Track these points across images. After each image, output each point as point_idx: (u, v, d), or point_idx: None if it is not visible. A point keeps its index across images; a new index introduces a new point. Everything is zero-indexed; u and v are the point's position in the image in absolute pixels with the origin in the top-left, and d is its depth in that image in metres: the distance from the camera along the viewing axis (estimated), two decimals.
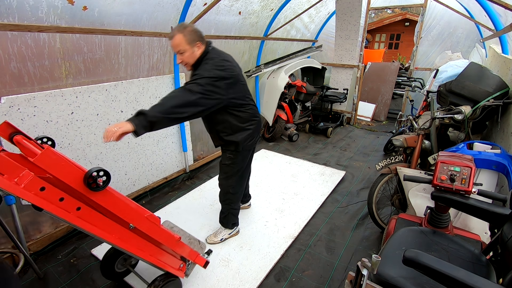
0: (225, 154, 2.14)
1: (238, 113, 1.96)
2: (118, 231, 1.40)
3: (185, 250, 1.79)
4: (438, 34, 5.45)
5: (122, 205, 1.37)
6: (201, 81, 1.67)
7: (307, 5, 4.65)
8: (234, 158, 2.10)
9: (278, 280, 2.07)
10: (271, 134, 4.78)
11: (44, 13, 1.95)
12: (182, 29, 1.74)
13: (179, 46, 1.74)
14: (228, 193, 2.24)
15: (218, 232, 2.40)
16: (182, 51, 1.76)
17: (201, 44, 1.82)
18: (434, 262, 0.97)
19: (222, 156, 2.18)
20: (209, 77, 1.70)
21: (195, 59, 1.82)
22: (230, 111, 1.93)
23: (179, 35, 1.73)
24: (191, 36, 1.75)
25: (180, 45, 1.74)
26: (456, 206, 1.52)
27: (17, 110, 1.95)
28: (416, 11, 11.02)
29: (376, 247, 2.40)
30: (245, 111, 1.99)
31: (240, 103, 1.95)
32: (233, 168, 2.14)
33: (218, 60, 1.81)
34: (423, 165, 2.55)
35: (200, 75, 1.70)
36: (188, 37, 1.74)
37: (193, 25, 1.81)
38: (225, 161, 2.15)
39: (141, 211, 1.49)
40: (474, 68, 2.52)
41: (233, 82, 1.83)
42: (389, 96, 6.10)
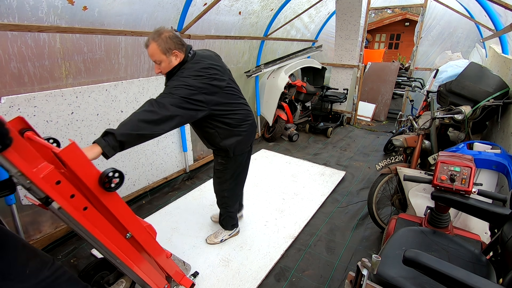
0: (216, 159, 2.07)
1: (226, 120, 1.82)
2: (115, 238, 1.35)
3: (173, 268, 1.72)
4: (438, 34, 5.45)
5: (125, 211, 1.35)
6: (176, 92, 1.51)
7: (307, 5, 4.65)
8: (225, 164, 2.02)
9: (278, 280, 2.07)
10: (271, 134, 4.78)
11: (44, 13, 1.95)
12: (156, 36, 1.58)
13: (154, 55, 1.59)
14: (224, 197, 2.20)
15: (218, 232, 2.40)
16: (159, 61, 1.62)
17: (179, 52, 1.65)
18: (434, 262, 0.97)
19: (214, 161, 2.11)
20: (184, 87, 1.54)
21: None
22: (217, 119, 1.80)
23: (153, 43, 1.57)
24: (166, 45, 1.59)
25: (155, 55, 1.59)
26: (456, 206, 1.52)
27: (17, 110, 1.95)
28: (416, 11, 11.01)
29: (376, 247, 2.40)
30: (234, 116, 1.85)
31: (226, 109, 1.79)
32: (225, 173, 2.07)
33: (197, 69, 1.65)
34: (423, 165, 2.55)
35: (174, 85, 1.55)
36: (162, 46, 1.58)
37: (170, 31, 1.64)
38: (217, 166, 2.09)
39: (140, 221, 1.45)
40: (474, 68, 2.52)
41: (213, 92, 1.68)
42: (389, 96, 6.10)
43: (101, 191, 1.20)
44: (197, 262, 2.17)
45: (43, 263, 1.25)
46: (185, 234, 2.47)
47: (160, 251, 1.60)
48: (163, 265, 1.62)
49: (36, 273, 1.21)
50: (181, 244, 2.36)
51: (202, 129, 1.89)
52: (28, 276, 1.18)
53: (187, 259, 2.16)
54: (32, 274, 1.19)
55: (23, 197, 2.05)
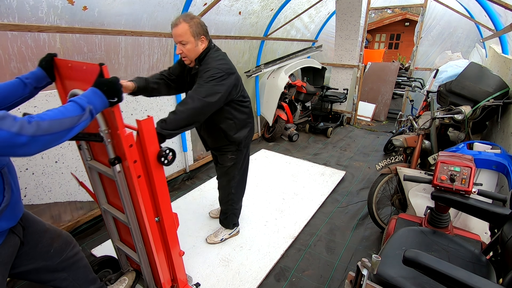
0: (225, 155, 2.06)
1: (242, 108, 1.94)
2: (149, 216, 1.47)
3: (180, 269, 1.76)
4: (438, 34, 5.45)
5: (165, 191, 1.48)
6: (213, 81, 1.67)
7: (307, 5, 4.65)
8: (236, 158, 2.06)
9: (278, 280, 2.07)
10: (271, 134, 4.78)
11: (44, 13, 1.95)
12: (188, 19, 1.62)
13: (183, 36, 1.62)
14: (230, 194, 2.21)
15: (218, 232, 2.40)
16: (185, 42, 1.64)
17: (205, 39, 1.72)
18: (434, 262, 0.97)
19: (222, 159, 2.10)
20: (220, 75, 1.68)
21: (197, 53, 1.72)
22: (236, 106, 1.90)
23: (185, 24, 1.61)
24: (197, 29, 1.65)
25: (184, 36, 1.62)
26: (456, 206, 1.52)
27: (17, 110, 1.94)
28: (416, 11, 11.02)
29: (376, 247, 2.40)
30: (248, 105, 1.99)
31: (244, 95, 1.95)
32: (236, 168, 2.10)
33: (222, 56, 1.79)
34: (423, 165, 2.55)
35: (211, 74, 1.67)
36: (194, 28, 1.63)
37: (199, 18, 1.70)
38: (227, 163, 2.08)
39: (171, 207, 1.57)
40: (474, 68, 2.52)
41: (238, 76, 1.85)
42: (389, 96, 6.10)
43: (156, 164, 1.36)
44: (197, 262, 2.17)
45: (67, 243, 1.37)
46: (185, 234, 2.47)
47: (176, 244, 1.66)
48: (174, 260, 1.67)
49: (60, 253, 1.33)
50: (181, 244, 2.33)
51: (220, 119, 1.90)
52: (52, 255, 1.30)
53: (187, 259, 2.16)
54: (56, 253, 1.32)
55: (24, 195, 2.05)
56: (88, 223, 2.55)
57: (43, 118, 0.92)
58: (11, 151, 0.86)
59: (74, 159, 2.33)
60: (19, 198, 1.15)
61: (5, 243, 1.09)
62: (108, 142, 1.25)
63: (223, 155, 2.08)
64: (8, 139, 0.84)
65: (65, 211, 2.40)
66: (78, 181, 1.67)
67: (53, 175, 2.23)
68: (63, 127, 0.95)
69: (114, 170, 1.29)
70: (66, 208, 2.40)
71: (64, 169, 2.29)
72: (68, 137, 0.99)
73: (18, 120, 0.87)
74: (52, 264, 1.31)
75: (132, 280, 1.85)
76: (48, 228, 1.33)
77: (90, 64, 1.17)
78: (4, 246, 1.09)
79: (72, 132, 0.99)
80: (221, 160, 2.12)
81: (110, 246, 2.25)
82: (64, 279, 1.36)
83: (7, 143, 0.84)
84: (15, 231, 1.14)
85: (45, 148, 0.93)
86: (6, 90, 1.16)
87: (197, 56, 1.74)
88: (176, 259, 1.68)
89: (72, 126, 0.98)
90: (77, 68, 1.25)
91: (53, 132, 0.93)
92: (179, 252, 1.69)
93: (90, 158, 1.55)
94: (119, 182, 1.32)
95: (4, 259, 1.11)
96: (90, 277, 1.49)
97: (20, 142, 0.86)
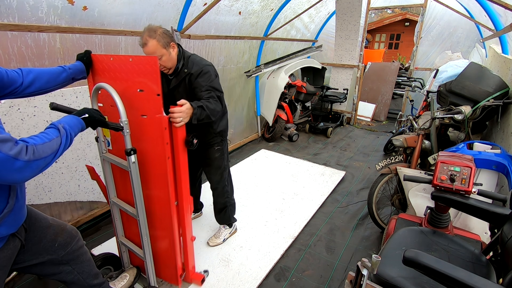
0: (212, 148, 2.10)
1: (223, 102, 1.99)
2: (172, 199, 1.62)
3: (191, 255, 1.86)
4: (438, 34, 5.45)
5: (186, 175, 1.66)
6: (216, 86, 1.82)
7: (307, 5, 4.65)
8: (222, 149, 2.14)
9: (278, 280, 2.07)
10: (271, 134, 4.78)
11: (44, 13, 1.95)
12: (153, 34, 1.65)
13: (156, 52, 1.66)
14: (225, 187, 2.26)
15: (218, 233, 2.40)
16: (160, 56, 1.68)
17: (174, 44, 1.77)
18: (434, 262, 0.97)
19: (209, 152, 2.12)
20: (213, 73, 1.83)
21: (174, 61, 1.78)
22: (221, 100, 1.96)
23: (153, 41, 1.64)
24: (165, 39, 1.68)
25: (157, 51, 1.66)
26: (456, 206, 1.52)
27: (17, 110, 1.95)
28: (416, 11, 11.02)
29: (376, 247, 2.40)
30: (222, 96, 1.99)
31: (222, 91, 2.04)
32: (223, 159, 2.18)
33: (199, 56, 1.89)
34: (423, 165, 2.55)
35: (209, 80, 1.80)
36: (162, 41, 1.66)
37: (161, 26, 1.72)
38: (215, 155, 2.12)
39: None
40: (474, 68, 2.52)
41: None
42: (389, 96, 6.10)
43: (183, 147, 1.58)
44: (197, 262, 2.17)
45: (72, 237, 1.39)
46: None
47: (190, 228, 1.80)
48: (187, 245, 1.79)
49: (65, 246, 1.35)
50: None
51: None
52: (57, 249, 1.32)
53: None
54: (61, 247, 1.34)
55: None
56: (88, 223, 2.55)
57: (36, 142, 0.94)
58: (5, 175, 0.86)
59: (74, 159, 2.33)
60: (23, 205, 1.15)
61: (4, 247, 1.09)
62: (127, 132, 1.36)
63: (210, 148, 2.11)
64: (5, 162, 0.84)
65: (65, 211, 2.40)
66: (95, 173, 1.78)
67: (53, 175, 2.23)
68: (52, 149, 0.98)
69: (129, 161, 1.37)
70: (66, 208, 2.40)
71: (64, 169, 2.29)
72: (53, 161, 1.01)
73: (19, 144, 0.88)
74: (57, 257, 1.32)
75: (133, 276, 1.87)
76: (51, 224, 1.34)
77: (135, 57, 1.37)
78: (3, 249, 1.09)
79: (57, 155, 1.01)
80: (208, 154, 2.14)
81: (110, 246, 2.26)
82: (69, 272, 1.38)
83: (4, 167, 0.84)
84: (17, 234, 1.14)
85: (35, 175, 0.94)
86: (50, 75, 1.29)
87: (175, 62, 1.79)
88: (189, 243, 1.80)
89: (57, 148, 1.01)
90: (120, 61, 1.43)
91: (44, 156, 0.95)
92: (191, 237, 1.82)
93: (106, 150, 1.65)
94: (132, 173, 1.40)
95: (3, 262, 1.10)
96: (94, 272, 1.51)
97: (16, 166, 0.86)
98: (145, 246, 1.62)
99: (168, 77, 1.86)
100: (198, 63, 1.82)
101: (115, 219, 1.79)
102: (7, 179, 0.88)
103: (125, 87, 1.46)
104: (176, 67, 1.80)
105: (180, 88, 1.84)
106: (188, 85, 1.82)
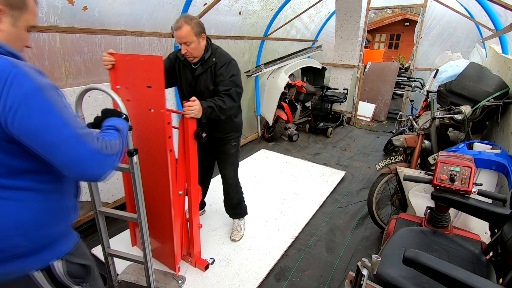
0: (229, 144, 2.15)
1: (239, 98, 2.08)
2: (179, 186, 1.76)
3: (198, 242, 2.00)
4: (438, 34, 5.45)
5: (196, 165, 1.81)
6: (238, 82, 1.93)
7: (307, 5, 4.65)
8: (237, 145, 2.19)
9: (278, 280, 2.07)
10: (271, 134, 4.78)
11: (44, 13, 1.95)
12: (189, 20, 1.79)
13: (187, 37, 1.77)
14: (238, 183, 2.33)
15: (237, 225, 2.45)
16: (189, 42, 1.79)
17: (205, 36, 1.88)
18: (434, 262, 0.97)
19: (225, 148, 2.17)
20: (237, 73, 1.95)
21: (201, 50, 1.88)
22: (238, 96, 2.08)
23: (187, 26, 1.76)
24: (198, 28, 1.80)
25: (188, 37, 1.77)
26: (456, 206, 1.52)
27: None
28: (416, 11, 11.02)
29: (376, 247, 2.40)
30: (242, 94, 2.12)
31: None
32: (237, 156, 2.23)
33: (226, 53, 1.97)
34: (423, 165, 2.55)
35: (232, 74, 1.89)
36: (195, 29, 1.78)
37: (197, 17, 1.87)
38: (230, 151, 2.17)
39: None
40: (474, 68, 2.52)
41: None
42: (389, 96, 6.10)
43: (193, 140, 1.73)
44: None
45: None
46: None
47: (197, 216, 1.94)
48: (193, 231, 1.93)
49: None
50: None
51: None
52: None
53: None
54: None
55: None
56: (88, 223, 2.55)
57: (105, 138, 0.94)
58: (91, 169, 0.85)
59: None
60: None
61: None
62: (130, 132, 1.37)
63: (226, 144, 2.16)
64: (92, 155, 0.83)
65: None
66: None
67: None
68: (117, 148, 0.97)
69: (132, 162, 1.39)
70: None
71: None
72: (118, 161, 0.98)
73: (98, 137, 0.88)
74: None
75: None
76: None
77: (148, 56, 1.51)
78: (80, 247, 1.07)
79: (121, 154, 0.99)
80: (225, 150, 2.18)
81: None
82: None
83: (91, 160, 0.83)
84: None
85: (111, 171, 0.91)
86: None
87: (202, 52, 1.88)
88: (195, 230, 1.93)
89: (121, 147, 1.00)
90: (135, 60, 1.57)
91: (115, 152, 0.94)
92: (198, 224, 1.93)
93: None
94: (135, 174, 1.41)
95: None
96: None
97: (100, 160, 0.86)
98: (146, 249, 1.59)
99: (192, 66, 1.94)
100: (225, 55, 1.95)
101: (101, 230, 1.67)
102: (92, 174, 0.86)
103: (137, 83, 1.61)
104: (202, 56, 1.90)
105: (204, 75, 1.92)
106: (214, 73, 1.91)
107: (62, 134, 0.80)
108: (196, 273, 2.06)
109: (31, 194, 0.86)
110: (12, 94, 0.73)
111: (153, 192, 1.79)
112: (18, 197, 0.84)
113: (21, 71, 0.75)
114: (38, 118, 0.76)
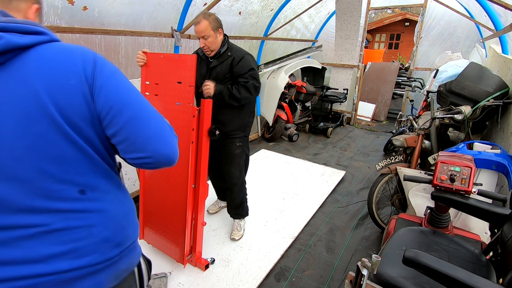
0: (233, 143, 2.17)
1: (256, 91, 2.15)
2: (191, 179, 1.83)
3: (200, 240, 2.01)
4: (438, 34, 5.45)
5: (206, 162, 1.88)
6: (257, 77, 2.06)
7: (307, 5, 4.65)
8: (243, 146, 2.21)
9: (278, 280, 2.07)
10: (271, 134, 4.78)
11: (44, 13, 1.95)
12: (207, 16, 1.91)
13: (205, 31, 1.88)
14: (243, 184, 2.34)
15: (237, 225, 2.45)
16: (207, 36, 1.91)
17: (222, 31, 1.99)
18: (434, 262, 0.97)
19: (230, 148, 2.18)
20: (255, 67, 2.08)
21: (218, 44, 1.99)
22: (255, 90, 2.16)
23: (205, 21, 1.88)
24: (216, 23, 1.92)
25: (206, 31, 1.89)
26: (456, 206, 1.52)
27: None
28: (416, 11, 11.01)
29: (376, 247, 2.40)
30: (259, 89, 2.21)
31: None
32: (243, 155, 2.25)
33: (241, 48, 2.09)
34: (423, 165, 2.54)
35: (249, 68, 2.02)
36: (213, 24, 1.90)
37: (215, 14, 1.98)
38: (235, 151, 2.19)
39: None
40: (474, 68, 2.52)
41: None
42: (389, 96, 6.10)
43: (206, 136, 1.82)
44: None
45: None
46: None
47: (203, 213, 1.98)
48: (197, 229, 1.96)
49: None
50: None
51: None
52: None
53: None
54: None
55: None
56: None
57: None
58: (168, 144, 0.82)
59: None
60: None
61: None
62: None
63: (231, 143, 2.17)
64: (168, 129, 0.84)
65: None
66: None
67: None
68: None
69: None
70: None
71: None
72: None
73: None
74: None
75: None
76: None
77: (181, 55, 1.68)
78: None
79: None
80: (228, 149, 2.19)
81: None
82: None
83: (168, 135, 0.83)
84: None
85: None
86: None
87: (218, 46, 2.00)
88: (199, 228, 1.97)
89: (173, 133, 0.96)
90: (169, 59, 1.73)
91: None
92: (202, 222, 1.95)
93: None
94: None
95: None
96: None
97: (174, 137, 0.86)
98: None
99: (209, 59, 2.06)
100: (241, 50, 2.08)
101: None
102: (172, 149, 0.82)
103: (167, 80, 1.75)
104: (218, 50, 2.01)
105: (219, 67, 2.02)
106: (230, 67, 2.01)
107: (146, 106, 0.83)
108: (196, 272, 2.06)
109: (120, 193, 0.89)
110: (101, 74, 0.77)
111: (172, 182, 1.90)
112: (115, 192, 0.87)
113: (99, 55, 0.81)
114: (124, 92, 0.81)
